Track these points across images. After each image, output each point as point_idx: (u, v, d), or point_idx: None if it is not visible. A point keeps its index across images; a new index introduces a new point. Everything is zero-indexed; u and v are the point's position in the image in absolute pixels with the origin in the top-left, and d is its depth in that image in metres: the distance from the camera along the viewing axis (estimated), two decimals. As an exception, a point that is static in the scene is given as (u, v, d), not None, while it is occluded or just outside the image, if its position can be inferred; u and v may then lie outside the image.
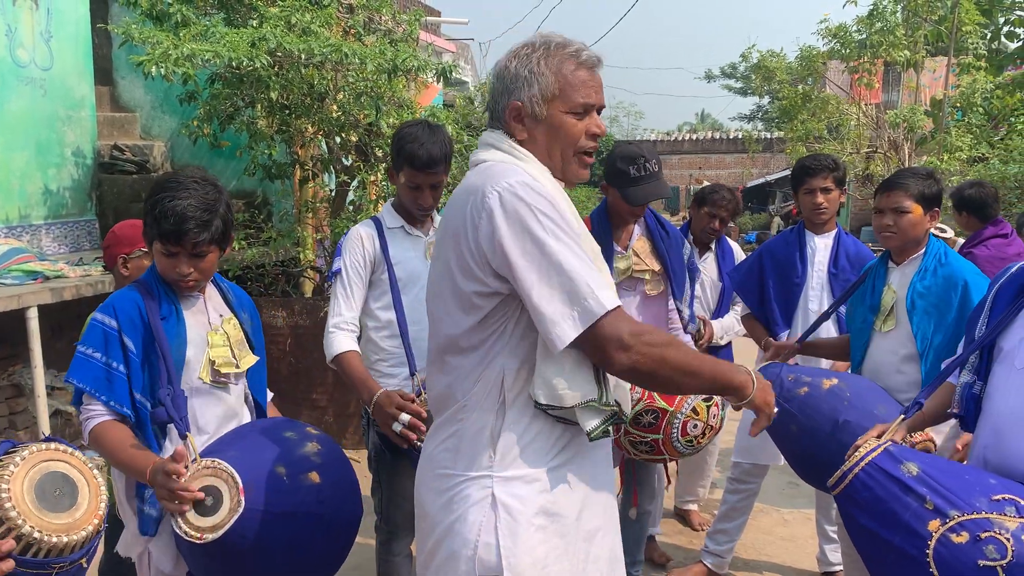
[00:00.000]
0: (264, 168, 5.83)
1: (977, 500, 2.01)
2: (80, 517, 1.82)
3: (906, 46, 10.88)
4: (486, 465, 1.75)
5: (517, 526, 1.72)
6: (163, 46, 4.73)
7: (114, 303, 2.23)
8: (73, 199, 5.82)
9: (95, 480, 1.90)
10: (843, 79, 13.64)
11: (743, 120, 39.76)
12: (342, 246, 3.01)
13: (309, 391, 5.74)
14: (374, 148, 5.89)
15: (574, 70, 1.81)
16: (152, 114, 7.12)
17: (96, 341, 2.19)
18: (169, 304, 2.28)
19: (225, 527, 1.99)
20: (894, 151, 11.49)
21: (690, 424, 2.99)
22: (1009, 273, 2.39)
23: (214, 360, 2.32)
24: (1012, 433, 2.18)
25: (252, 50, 4.93)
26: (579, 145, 1.84)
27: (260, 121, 5.72)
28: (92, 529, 1.83)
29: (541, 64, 1.79)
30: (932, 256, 3.00)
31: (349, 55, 5.12)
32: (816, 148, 11.67)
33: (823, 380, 2.90)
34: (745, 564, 4.16)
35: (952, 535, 1.96)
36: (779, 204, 26.22)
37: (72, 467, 1.88)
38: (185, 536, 2.00)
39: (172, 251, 2.21)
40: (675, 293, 3.35)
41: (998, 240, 4.72)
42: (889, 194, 3.01)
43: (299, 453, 2.22)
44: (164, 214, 2.16)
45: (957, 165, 9.81)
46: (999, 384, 2.25)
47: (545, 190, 1.71)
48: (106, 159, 6.35)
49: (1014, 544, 1.91)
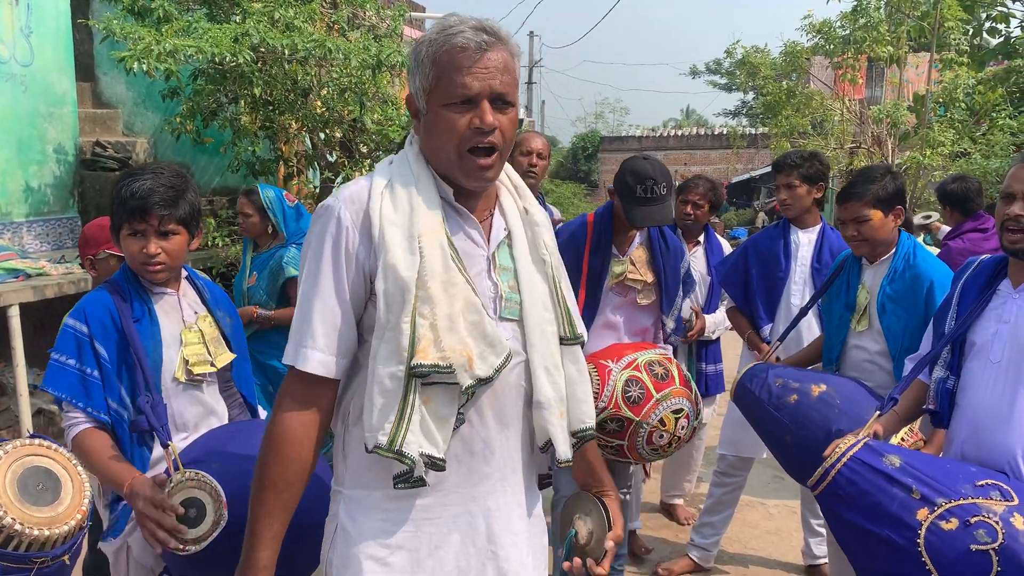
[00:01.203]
0: (248, 164, 5.80)
1: (962, 487, 2.03)
2: (63, 511, 1.81)
3: (889, 42, 10.93)
4: (339, 478, 1.69)
5: (348, 554, 1.62)
6: (145, 41, 4.71)
7: (84, 307, 2.20)
8: (55, 196, 5.77)
9: (79, 476, 1.88)
10: (827, 75, 13.69)
11: (728, 116, 39.85)
12: None
13: (294, 388, 5.71)
14: (358, 144, 5.88)
15: (454, 55, 1.54)
16: (134, 110, 7.06)
17: (68, 347, 2.16)
18: (141, 304, 2.25)
19: (208, 540, 1.98)
20: (877, 146, 11.55)
21: (656, 434, 2.96)
22: (973, 267, 2.40)
23: (188, 359, 2.29)
24: (990, 427, 2.20)
25: (235, 46, 4.90)
26: (462, 143, 1.56)
27: (243, 117, 5.69)
28: (75, 524, 1.81)
29: (423, 51, 1.57)
30: (901, 257, 3.04)
31: (333, 51, 5.10)
32: (800, 144, 11.71)
33: (811, 386, 2.88)
34: (731, 557, 4.18)
35: (942, 522, 1.98)
36: (764, 200, 26.32)
37: (56, 463, 1.86)
38: (166, 547, 1.99)
39: (138, 229, 2.19)
40: (663, 307, 3.32)
41: (975, 235, 4.77)
42: (846, 206, 3.05)
43: None
44: (131, 193, 2.17)
45: (939, 160, 9.86)
46: (974, 379, 2.27)
47: (345, 219, 1.56)
48: (88, 156, 6.29)
49: (1004, 527, 1.93)
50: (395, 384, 1.54)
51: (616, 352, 3.10)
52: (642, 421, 2.90)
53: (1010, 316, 2.22)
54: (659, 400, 2.94)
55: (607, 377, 2.96)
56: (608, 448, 3.01)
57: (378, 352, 1.55)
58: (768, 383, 2.95)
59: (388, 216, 1.56)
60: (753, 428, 3.15)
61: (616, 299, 3.28)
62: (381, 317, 1.55)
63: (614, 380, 2.94)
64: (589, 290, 3.23)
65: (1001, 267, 2.33)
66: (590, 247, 3.24)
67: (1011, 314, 2.22)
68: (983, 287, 2.32)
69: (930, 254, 3.12)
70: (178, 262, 2.30)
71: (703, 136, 28.80)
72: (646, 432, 2.92)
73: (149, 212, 2.17)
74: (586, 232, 3.29)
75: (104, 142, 6.44)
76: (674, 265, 3.34)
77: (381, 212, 1.56)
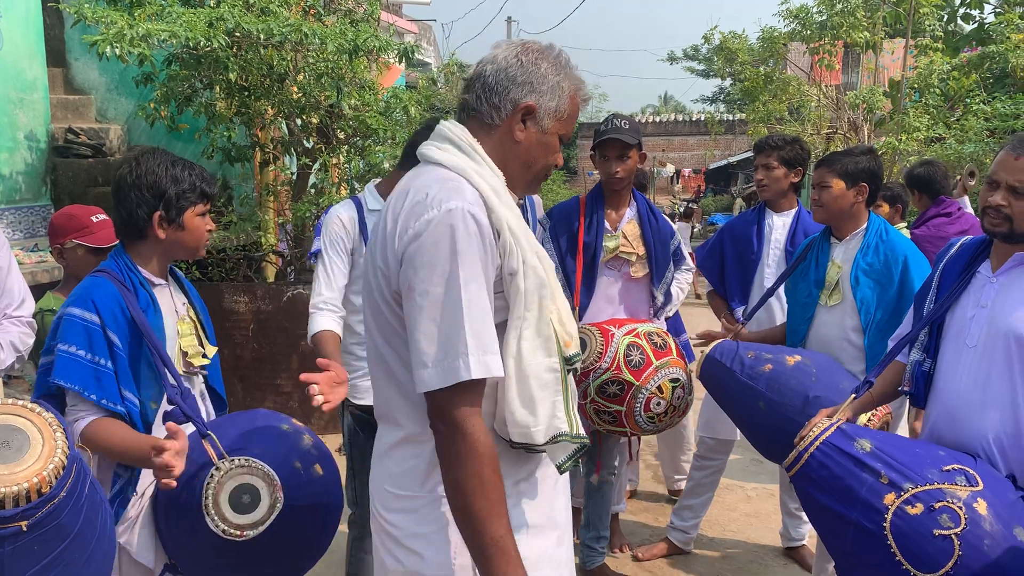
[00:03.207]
0: (223, 151, 5.74)
1: (929, 472, 2.06)
2: (20, 472, 1.62)
3: (866, 28, 10.98)
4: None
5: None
6: (117, 26, 4.63)
7: (92, 296, 2.11)
8: (27, 184, 5.68)
9: (54, 440, 1.69)
10: (804, 60, 13.74)
11: (706, 102, 39.93)
12: (321, 227, 2.99)
13: (274, 377, 5.69)
14: (336, 130, 5.83)
15: (578, 103, 1.81)
16: (108, 96, 6.96)
17: (78, 338, 2.07)
18: (146, 295, 2.21)
19: (266, 523, 2.04)
20: (854, 132, 11.61)
21: (653, 401, 3.05)
22: (955, 248, 2.41)
23: (186, 351, 2.28)
24: (964, 412, 2.22)
25: (210, 30, 4.84)
26: (545, 168, 1.80)
27: (219, 103, 5.62)
28: (30, 487, 1.61)
29: (564, 82, 1.74)
30: (874, 232, 3.12)
31: (309, 35, 5.05)
32: (778, 130, 11.76)
33: (786, 356, 2.95)
34: (710, 541, 4.21)
35: (908, 507, 2.01)
36: (741, 186, 26.45)
37: (31, 423, 1.69)
38: (223, 534, 2.01)
39: (204, 210, 2.31)
40: (655, 279, 3.50)
41: (939, 219, 4.84)
42: (816, 171, 3.20)
43: (303, 447, 2.24)
44: (201, 178, 2.28)
45: (915, 145, 9.93)
46: (949, 362, 2.29)
47: (484, 221, 1.59)
48: (61, 143, 6.20)
49: (967, 512, 1.97)
50: (553, 376, 1.66)
51: (616, 321, 3.30)
52: (642, 386, 3.02)
53: (987, 300, 2.22)
54: (658, 367, 3.10)
55: (610, 340, 3.11)
56: (606, 416, 3.06)
57: (522, 348, 1.62)
58: (740, 355, 3.02)
59: (507, 215, 1.65)
60: (720, 405, 3.20)
61: (611, 273, 3.47)
62: (517, 314, 1.63)
63: (616, 343, 3.09)
64: (586, 266, 3.42)
65: (982, 249, 2.32)
66: (584, 225, 3.43)
67: (988, 298, 2.22)
68: (963, 269, 2.32)
69: (900, 232, 3.19)
70: None
71: (681, 122, 28.90)
72: (644, 398, 3.01)
73: (212, 196, 2.31)
74: (579, 211, 3.49)
75: (77, 129, 6.34)
76: (663, 239, 3.51)
77: (500, 212, 1.64)
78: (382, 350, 1.70)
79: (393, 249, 1.62)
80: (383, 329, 1.69)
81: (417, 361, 1.56)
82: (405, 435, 1.70)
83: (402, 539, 1.69)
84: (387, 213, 1.69)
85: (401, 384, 1.68)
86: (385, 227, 1.67)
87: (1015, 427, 2.14)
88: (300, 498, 2.14)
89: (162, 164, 2.23)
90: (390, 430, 1.75)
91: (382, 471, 1.76)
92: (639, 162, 3.44)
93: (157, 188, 2.20)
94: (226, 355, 5.59)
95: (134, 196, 2.20)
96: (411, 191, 1.65)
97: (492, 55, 1.74)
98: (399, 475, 1.70)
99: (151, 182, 2.20)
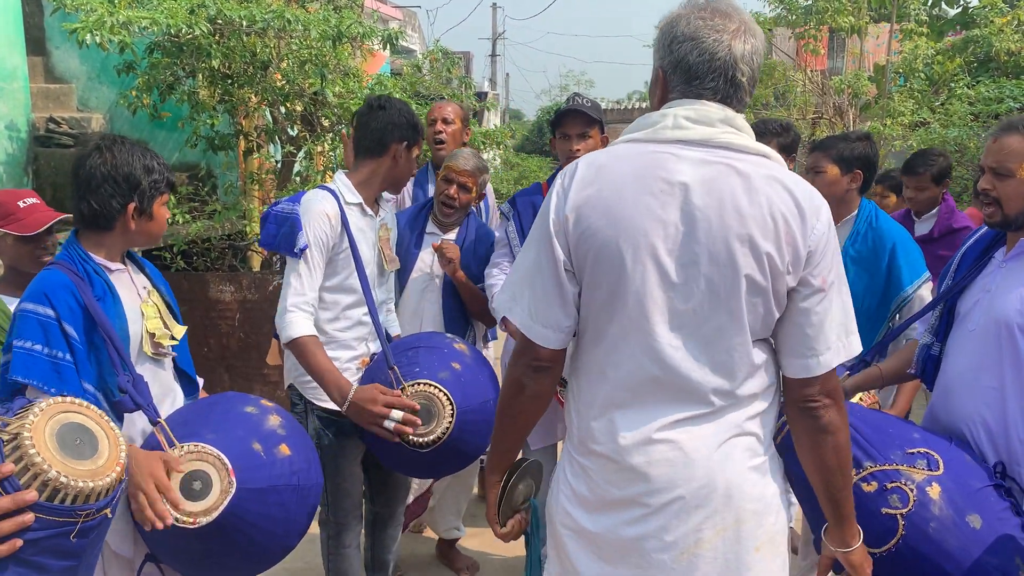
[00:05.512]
0: (207, 139, 5.70)
1: (892, 453, 2.12)
2: (103, 464, 1.80)
3: (851, 12, 10.99)
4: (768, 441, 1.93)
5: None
6: (98, 13, 4.58)
7: (44, 290, 2.09)
8: (8, 174, 5.62)
9: (112, 431, 1.87)
10: (789, 46, 13.75)
11: (692, 88, 39.71)
12: (302, 220, 2.84)
13: (260, 366, 5.67)
14: (320, 118, 5.79)
15: None
16: (89, 85, 6.89)
17: (33, 333, 2.06)
18: (102, 283, 2.19)
19: (219, 509, 2.04)
20: (839, 117, 11.63)
21: None
22: (977, 234, 2.43)
23: (153, 332, 2.27)
24: (958, 393, 2.24)
25: (191, 17, 4.80)
26: None
27: (202, 91, 5.57)
28: (115, 476, 1.80)
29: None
30: (863, 219, 3.10)
31: (292, 22, 5.01)
32: (763, 115, 11.77)
33: None
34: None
35: (863, 484, 2.08)
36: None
37: (89, 418, 1.85)
38: (176, 522, 2.01)
39: (166, 200, 2.32)
40: None
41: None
42: (811, 155, 3.19)
43: (267, 428, 2.25)
44: (164, 165, 2.29)
45: (899, 130, 9.97)
46: (954, 346, 2.31)
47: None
48: (42, 132, 6.14)
49: (917, 494, 2.03)
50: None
51: None
52: None
53: (992, 285, 2.23)
54: None
55: None
56: None
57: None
58: None
59: None
60: None
61: None
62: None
63: None
64: None
65: (1001, 234, 2.33)
66: None
67: (994, 283, 2.23)
68: (980, 254, 2.34)
69: (890, 218, 3.18)
70: None
71: (667, 108, 28.77)
72: None
73: (175, 185, 2.34)
74: (541, 196, 3.40)
75: (58, 118, 6.28)
76: None
77: None
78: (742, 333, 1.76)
79: (792, 238, 1.68)
80: (754, 316, 1.75)
81: (823, 346, 1.75)
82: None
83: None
84: (754, 199, 1.68)
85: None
86: (780, 215, 1.68)
87: (1002, 415, 2.14)
88: (259, 480, 2.13)
89: (134, 154, 2.22)
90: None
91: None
92: (601, 145, 3.32)
93: (132, 179, 2.19)
94: (212, 344, 5.57)
95: (108, 187, 2.18)
96: (784, 178, 1.71)
97: (752, 30, 1.73)
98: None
99: (126, 173, 2.19)
